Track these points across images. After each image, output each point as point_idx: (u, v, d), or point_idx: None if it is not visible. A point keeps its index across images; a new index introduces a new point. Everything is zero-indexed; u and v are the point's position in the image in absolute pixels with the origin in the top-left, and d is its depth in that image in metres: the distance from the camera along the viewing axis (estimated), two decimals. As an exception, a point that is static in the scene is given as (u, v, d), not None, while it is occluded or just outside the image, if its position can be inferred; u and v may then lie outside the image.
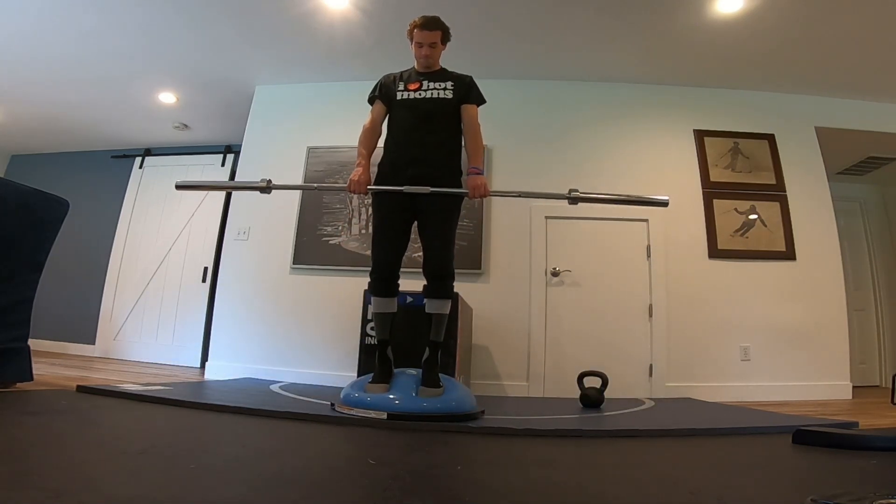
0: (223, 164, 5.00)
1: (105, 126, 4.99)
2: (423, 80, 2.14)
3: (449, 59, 2.22)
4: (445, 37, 2.14)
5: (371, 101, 2.20)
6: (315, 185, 2.79)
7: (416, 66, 2.20)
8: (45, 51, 3.74)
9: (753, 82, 3.91)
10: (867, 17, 3.08)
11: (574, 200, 2.04)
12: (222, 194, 4.78)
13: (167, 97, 4.42)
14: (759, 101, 3.99)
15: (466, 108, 2.13)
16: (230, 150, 5.01)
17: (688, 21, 3.26)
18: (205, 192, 4.88)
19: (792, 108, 3.98)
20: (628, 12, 3.20)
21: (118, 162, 5.33)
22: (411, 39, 2.13)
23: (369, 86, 2.22)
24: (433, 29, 2.09)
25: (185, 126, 4.92)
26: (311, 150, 4.01)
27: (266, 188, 2.09)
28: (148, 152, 5.30)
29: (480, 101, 2.17)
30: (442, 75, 2.17)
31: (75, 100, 4.49)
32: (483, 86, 2.18)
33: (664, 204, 2.16)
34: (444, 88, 2.11)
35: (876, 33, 3.23)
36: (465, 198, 2.06)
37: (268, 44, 3.69)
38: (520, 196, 2.68)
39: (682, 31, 3.35)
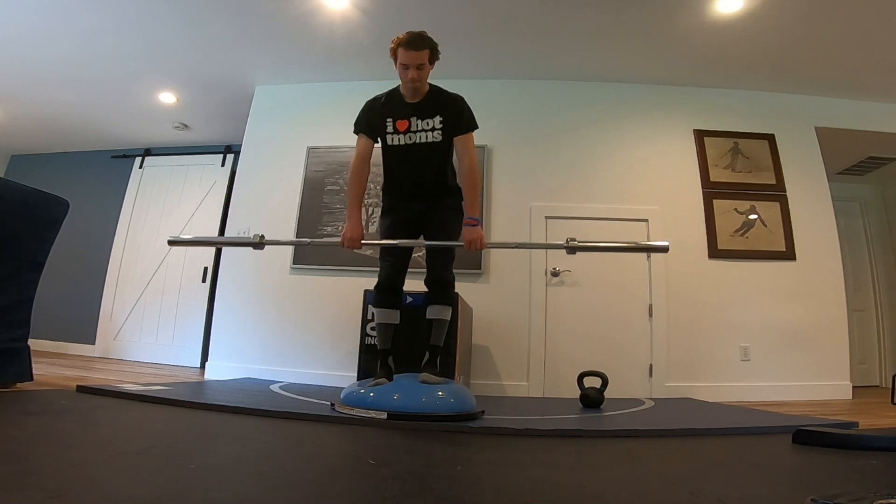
0: (223, 165, 5.00)
1: (105, 126, 4.99)
2: (412, 115, 2.00)
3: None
4: (434, 55, 1.93)
5: (356, 132, 2.08)
6: (308, 240, 2.82)
7: (402, 91, 2.01)
8: (45, 51, 3.74)
9: (753, 82, 3.91)
10: (867, 17, 3.08)
11: (572, 250, 1.98)
12: (222, 193, 4.79)
13: (167, 97, 4.42)
14: (759, 101, 3.99)
15: (460, 141, 1.99)
16: (230, 150, 5.01)
17: (688, 21, 3.26)
18: (205, 191, 4.91)
19: (792, 108, 3.97)
20: (628, 12, 3.20)
21: (118, 162, 5.33)
22: (395, 59, 1.92)
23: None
24: (420, 48, 1.87)
25: (185, 126, 4.92)
26: (311, 149, 4.01)
27: (259, 244, 2.02)
28: (148, 152, 5.30)
29: (472, 127, 2.02)
30: (431, 107, 2.00)
31: (75, 100, 4.49)
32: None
33: (664, 250, 2.05)
34: (433, 129, 1.99)
35: (876, 33, 3.23)
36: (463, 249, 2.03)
37: (268, 44, 3.69)
38: (518, 247, 2.66)
39: (682, 31, 3.36)
